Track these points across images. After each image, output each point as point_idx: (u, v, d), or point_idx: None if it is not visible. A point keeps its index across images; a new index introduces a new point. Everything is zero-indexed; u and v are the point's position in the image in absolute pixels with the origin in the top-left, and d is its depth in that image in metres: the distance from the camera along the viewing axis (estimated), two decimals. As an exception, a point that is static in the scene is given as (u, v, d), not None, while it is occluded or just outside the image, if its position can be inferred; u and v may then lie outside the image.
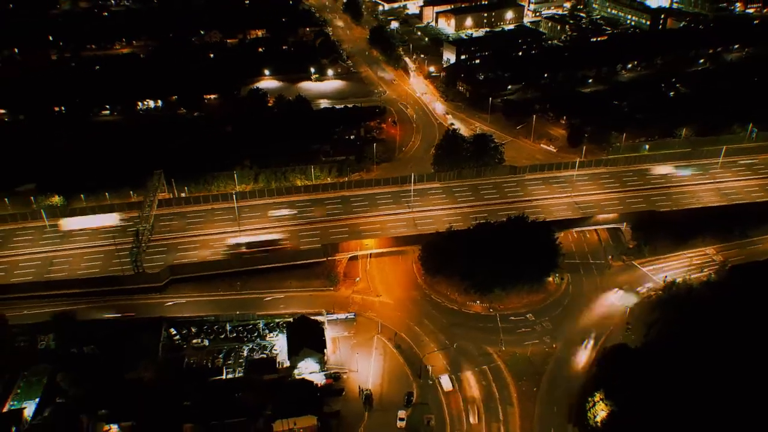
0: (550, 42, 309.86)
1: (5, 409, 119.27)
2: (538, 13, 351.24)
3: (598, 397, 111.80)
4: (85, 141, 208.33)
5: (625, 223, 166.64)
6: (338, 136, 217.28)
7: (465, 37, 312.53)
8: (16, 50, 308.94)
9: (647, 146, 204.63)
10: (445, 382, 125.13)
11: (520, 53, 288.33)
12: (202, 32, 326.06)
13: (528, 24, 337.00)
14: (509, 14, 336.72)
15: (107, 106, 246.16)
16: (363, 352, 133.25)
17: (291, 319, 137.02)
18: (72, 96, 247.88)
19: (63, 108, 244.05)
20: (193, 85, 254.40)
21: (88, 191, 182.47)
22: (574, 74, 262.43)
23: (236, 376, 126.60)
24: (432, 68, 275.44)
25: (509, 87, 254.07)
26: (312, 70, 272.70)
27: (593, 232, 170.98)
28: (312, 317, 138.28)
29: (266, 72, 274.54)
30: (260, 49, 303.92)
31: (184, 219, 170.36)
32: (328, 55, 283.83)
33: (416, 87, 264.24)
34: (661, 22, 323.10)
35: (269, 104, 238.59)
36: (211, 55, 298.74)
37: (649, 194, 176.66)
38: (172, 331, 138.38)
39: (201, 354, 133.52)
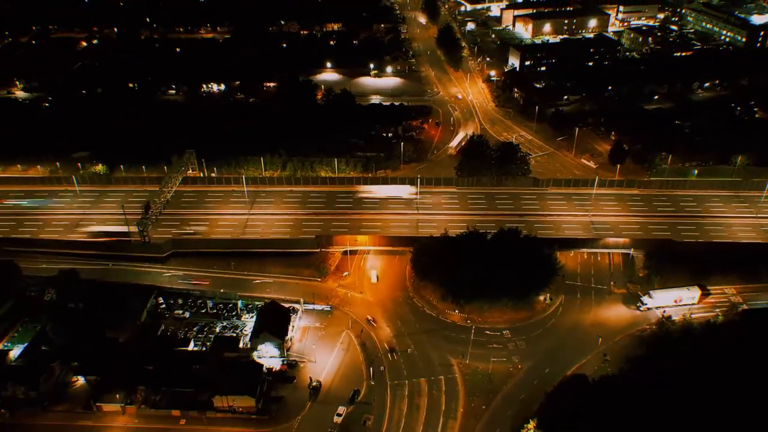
0: (627, 54, 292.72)
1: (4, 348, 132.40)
2: (625, 23, 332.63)
3: (531, 425, 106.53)
4: (140, 117, 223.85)
5: (632, 249, 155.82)
6: (376, 132, 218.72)
7: (538, 43, 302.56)
8: (115, 29, 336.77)
9: (696, 171, 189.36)
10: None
11: (590, 63, 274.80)
12: (282, 22, 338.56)
13: (611, 34, 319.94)
14: (592, 22, 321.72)
15: (173, 86, 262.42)
16: (327, 345, 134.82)
17: (264, 303, 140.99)
18: (146, 74, 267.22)
19: (136, 85, 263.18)
20: (255, 72, 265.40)
21: (129, 163, 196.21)
22: (642, 89, 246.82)
23: (201, 349, 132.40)
24: (493, 72, 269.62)
25: (566, 97, 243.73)
26: (371, 66, 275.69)
27: (605, 255, 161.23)
28: (288, 305, 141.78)
29: (328, 65, 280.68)
30: (331, 42, 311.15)
31: (204, 198, 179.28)
32: (392, 53, 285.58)
33: (472, 90, 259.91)
34: (759, 40, 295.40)
35: (318, 96, 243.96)
36: (284, 45, 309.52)
37: (677, 222, 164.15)
38: (160, 300, 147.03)
39: (179, 324, 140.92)
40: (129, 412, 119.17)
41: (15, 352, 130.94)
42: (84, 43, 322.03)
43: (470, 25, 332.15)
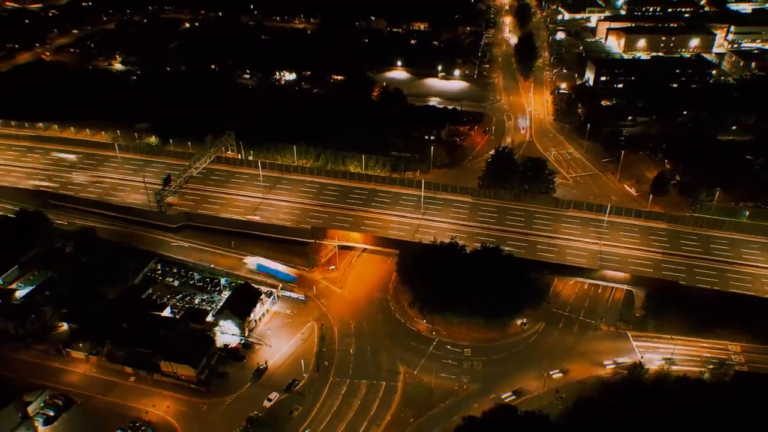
0: (722, 78, 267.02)
1: (12, 286, 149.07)
2: (736, 44, 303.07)
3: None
4: (207, 96, 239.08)
5: (626, 286, 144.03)
6: (419, 133, 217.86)
7: (625, 58, 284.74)
8: (220, 13, 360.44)
9: (747, 213, 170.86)
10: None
11: (675, 85, 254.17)
12: (372, 18, 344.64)
13: (712, 56, 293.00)
14: (694, 42, 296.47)
15: (248, 71, 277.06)
16: (290, 332, 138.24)
17: (240, 283, 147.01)
18: (229, 57, 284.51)
19: (217, 67, 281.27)
20: (326, 64, 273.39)
21: (180, 138, 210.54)
22: (725, 118, 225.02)
23: (174, 317, 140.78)
24: (563, 85, 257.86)
25: (630, 118, 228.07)
26: (439, 68, 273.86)
27: (608, 288, 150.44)
28: (268, 289, 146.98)
29: (399, 63, 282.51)
30: (412, 41, 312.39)
31: (231, 178, 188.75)
32: (465, 56, 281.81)
33: (536, 101, 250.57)
34: None
35: (374, 93, 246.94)
36: (366, 40, 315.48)
37: (697, 265, 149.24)
38: (158, 266, 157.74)
39: (166, 291, 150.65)
40: (91, 361, 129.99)
41: (21, 293, 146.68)
42: (187, 24, 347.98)
43: (560, 35, 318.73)
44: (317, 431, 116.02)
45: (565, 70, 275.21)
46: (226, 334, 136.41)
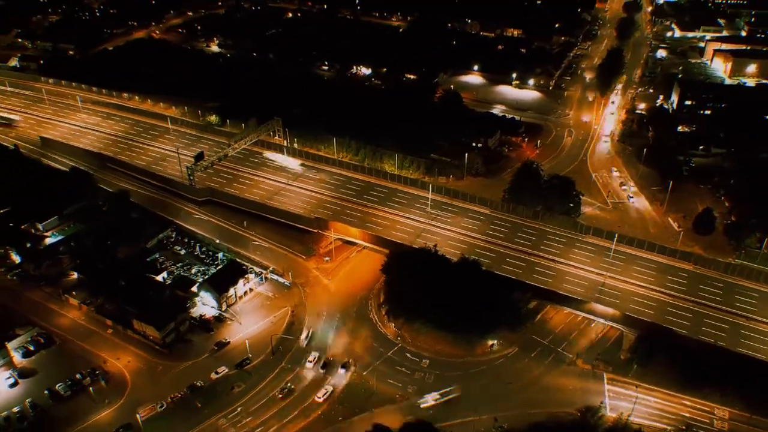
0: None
1: (47, 234, 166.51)
2: None
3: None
4: (275, 83, 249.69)
5: (613, 324, 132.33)
6: (466, 138, 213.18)
7: (728, 83, 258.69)
8: (325, 6, 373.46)
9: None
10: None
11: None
12: (467, 21, 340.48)
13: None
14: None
15: (326, 63, 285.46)
16: (264, 314, 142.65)
17: (234, 261, 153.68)
18: (312, 48, 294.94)
19: (302, 57, 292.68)
20: (401, 62, 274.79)
21: (238, 119, 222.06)
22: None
23: (164, 281, 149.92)
24: (642, 105, 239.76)
25: (701, 147, 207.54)
26: (513, 76, 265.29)
27: (603, 325, 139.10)
28: (261, 270, 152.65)
29: (475, 68, 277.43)
30: (499, 47, 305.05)
31: (265, 161, 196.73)
32: (545, 65, 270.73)
33: (606, 119, 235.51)
34: None
35: (436, 95, 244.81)
36: (453, 42, 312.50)
37: (710, 315, 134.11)
38: (173, 234, 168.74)
39: (171, 257, 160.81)
40: (82, 309, 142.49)
41: (50, 240, 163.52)
42: (290, 15, 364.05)
43: (661, 53, 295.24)
44: (248, 410, 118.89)
45: (651, 90, 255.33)
46: (207, 305, 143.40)
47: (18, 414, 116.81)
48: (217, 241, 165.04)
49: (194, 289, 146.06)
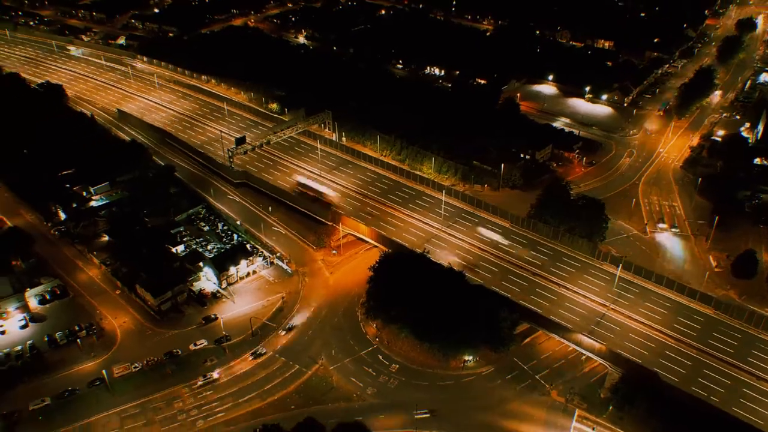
0: None
1: (95, 197, 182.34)
2: None
3: None
4: (345, 77, 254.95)
5: (598, 358, 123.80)
6: (517, 149, 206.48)
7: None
8: (420, 6, 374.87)
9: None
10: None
11: None
12: (558, 28, 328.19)
13: None
14: None
15: (401, 61, 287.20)
16: (259, 296, 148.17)
17: (242, 242, 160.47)
18: (390, 47, 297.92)
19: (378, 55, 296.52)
20: (473, 67, 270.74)
21: (295, 108, 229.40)
22: None
23: (178, 253, 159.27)
24: (721, 132, 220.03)
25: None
26: (587, 89, 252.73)
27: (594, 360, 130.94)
28: (270, 254, 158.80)
29: (550, 77, 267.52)
30: (581, 58, 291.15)
31: (305, 151, 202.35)
32: (624, 81, 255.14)
33: (677, 144, 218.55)
34: None
35: (499, 101, 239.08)
36: (538, 50, 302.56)
37: (711, 365, 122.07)
38: (202, 210, 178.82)
39: (194, 232, 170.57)
40: (101, 269, 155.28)
41: (95, 203, 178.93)
42: (383, 12, 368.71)
43: (765, 76, 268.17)
44: (211, 384, 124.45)
45: (737, 117, 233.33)
46: (210, 281, 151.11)
47: (18, 353, 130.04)
48: (238, 222, 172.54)
49: (201, 264, 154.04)
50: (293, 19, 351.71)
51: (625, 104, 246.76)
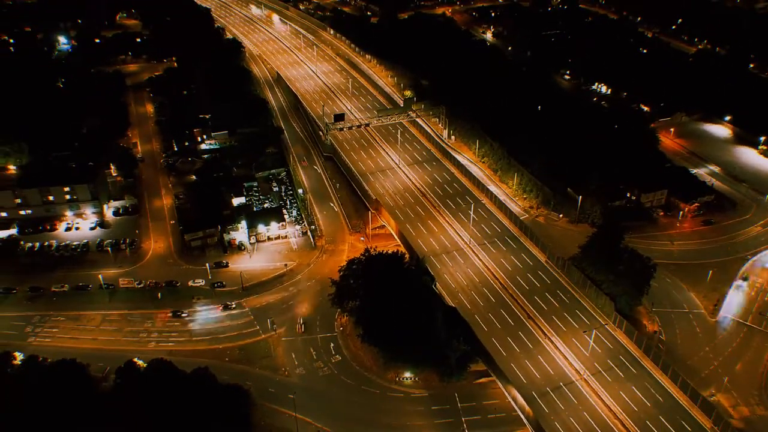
0: None
1: (209, 141, 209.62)
2: None
3: None
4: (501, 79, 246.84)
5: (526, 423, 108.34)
6: (624, 186, 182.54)
7: None
8: (639, 17, 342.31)
9: None
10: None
11: None
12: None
13: None
14: None
15: (568, 73, 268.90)
16: (275, 258, 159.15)
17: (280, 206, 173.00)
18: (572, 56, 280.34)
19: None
20: (642, 92, 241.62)
21: (428, 99, 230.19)
22: None
23: (233, 205, 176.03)
24: None
25: None
26: (761, 139, 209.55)
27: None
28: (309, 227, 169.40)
29: (726, 117, 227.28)
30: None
31: (404, 141, 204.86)
32: None
33: None
34: None
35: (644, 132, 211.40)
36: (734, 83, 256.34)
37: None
38: (282, 173, 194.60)
39: (263, 189, 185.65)
40: (173, 201, 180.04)
41: (204, 146, 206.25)
42: (590, 18, 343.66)
43: None
44: (179, 318, 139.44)
45: None
46: (243, 234, 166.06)
47: (74, 247, 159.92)
48: (300, 191, 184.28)
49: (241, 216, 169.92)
50: (492, 14, 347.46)
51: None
